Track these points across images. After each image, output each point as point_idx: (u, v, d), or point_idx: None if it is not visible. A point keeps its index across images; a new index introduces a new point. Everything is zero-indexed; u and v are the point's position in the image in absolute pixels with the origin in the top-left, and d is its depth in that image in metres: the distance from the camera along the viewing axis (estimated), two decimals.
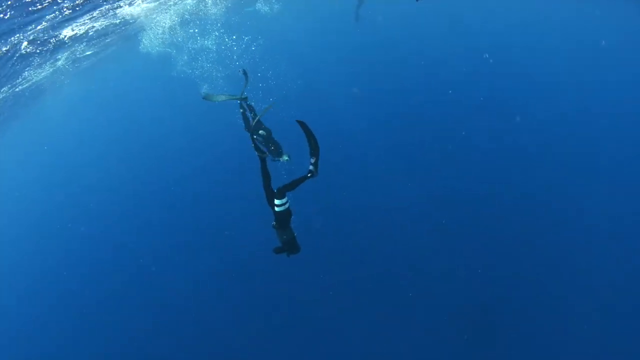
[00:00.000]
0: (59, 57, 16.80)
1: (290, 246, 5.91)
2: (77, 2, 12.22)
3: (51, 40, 14.04)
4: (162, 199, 20.47)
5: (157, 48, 21.59)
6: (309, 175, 5.57)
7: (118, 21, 16.42)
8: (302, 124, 5.56)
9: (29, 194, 27.31)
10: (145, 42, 21.02)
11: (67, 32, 14.44)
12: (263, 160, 5.69)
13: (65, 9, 12.23)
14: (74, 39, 15.66)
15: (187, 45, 22.22)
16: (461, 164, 16.54)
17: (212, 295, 14.32)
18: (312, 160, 5.52)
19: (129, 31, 18.93)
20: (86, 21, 14.56)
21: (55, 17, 12.33)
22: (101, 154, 27.92)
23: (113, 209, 21.01)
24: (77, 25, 14.44)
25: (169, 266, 16.18)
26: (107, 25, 16.39)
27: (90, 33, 16.21)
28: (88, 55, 19.73)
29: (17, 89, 17.36)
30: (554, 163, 15.88)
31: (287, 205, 5.60)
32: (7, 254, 21.76)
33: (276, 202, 5.55)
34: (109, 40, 18.89)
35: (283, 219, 5.70)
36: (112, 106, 32.76)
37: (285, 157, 7.52)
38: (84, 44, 17.27)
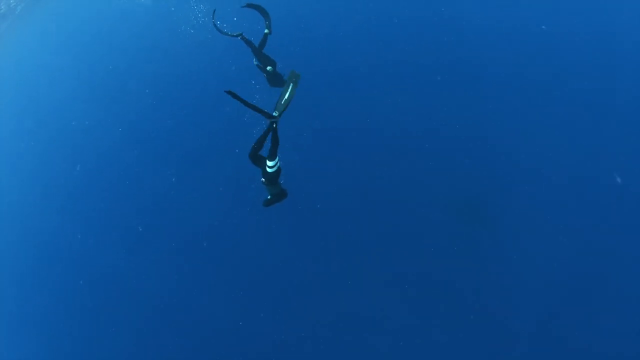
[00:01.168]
0: None
1: (278, 196, 6.20)
2: None
3: None
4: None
5: None
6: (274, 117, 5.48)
7: None
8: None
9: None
10: None
11: None
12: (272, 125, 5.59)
13: None
14: None
15: None
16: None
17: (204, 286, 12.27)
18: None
19: None
20: None
21: None
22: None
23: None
24: None
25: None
26: None
27: None
28: None
29: None
30: None
31: (278, 164, 5.80)
32: None
33: (268, 164, 5.71)
34: None
35: (273, 176, 5.92)
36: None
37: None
38: None
